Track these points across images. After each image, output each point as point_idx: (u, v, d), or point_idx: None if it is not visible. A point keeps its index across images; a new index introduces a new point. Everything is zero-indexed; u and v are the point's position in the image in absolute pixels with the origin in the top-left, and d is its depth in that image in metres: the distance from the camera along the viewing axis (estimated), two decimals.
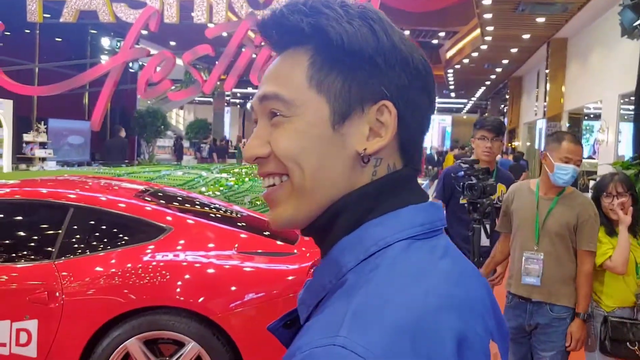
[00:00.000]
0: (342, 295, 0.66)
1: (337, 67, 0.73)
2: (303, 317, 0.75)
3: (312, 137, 0.73)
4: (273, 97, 0.74)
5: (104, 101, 7.90)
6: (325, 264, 0.74)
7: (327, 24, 0.72)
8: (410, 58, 0.75)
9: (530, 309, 3.14)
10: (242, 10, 7.49)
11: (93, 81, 8.80)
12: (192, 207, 4.37)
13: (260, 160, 0.76)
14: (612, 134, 12.32)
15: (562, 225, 3.09)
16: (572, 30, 15.06)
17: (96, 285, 3.38)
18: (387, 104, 0.73)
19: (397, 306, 0.62)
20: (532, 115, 20.96)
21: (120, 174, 9.26)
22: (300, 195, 0.74)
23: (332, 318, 0.63)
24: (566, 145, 3.09)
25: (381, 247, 0.70)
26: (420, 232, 0.72)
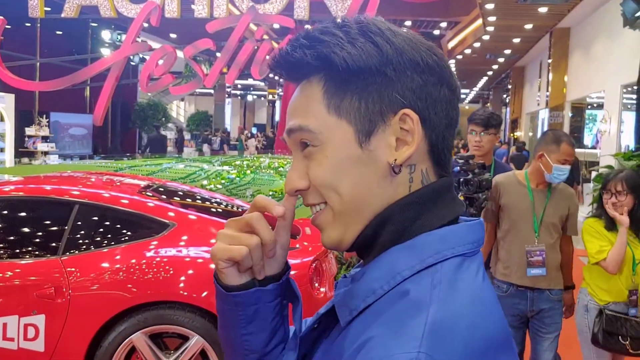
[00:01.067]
0: (411, 308, 0.68)
1: (349, 88, 0.75)
2: (345, 320, 0.76)
3: (342, 160, 0.75)
4: (298, 129, 0.78)
5: (106, 97, 7.93)
6: (375, 269, 0.75)
7: (328, 51, 0.74)
8: (419, 57, 0.76)
9: (532, 296, 3.28)
10: (242, 4, 7.50)
11: (94, 76, 8.83)
12: (195, 203, 4.40)
13: (301, 192, 0.80)
14: (614, 124, 12.32)
15: (559, 217, 3.28)
16: (575, 20, 15.01)
17: (101, 281, 3.42)
18: (407, 112, 0.75)
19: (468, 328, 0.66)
20: (535, 105, 20.93)
21: (122, 168, 9.30)
22: (343, 217, 0.77)
23: (409, 332, 0.64)
24: (564, 148, 3.20)
25: (438, 261, 0.72)
26: (471, 250, 0.75)
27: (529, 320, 3.37)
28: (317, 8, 7.32)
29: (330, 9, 7.21)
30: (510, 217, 3.32)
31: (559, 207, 3.29)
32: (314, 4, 7.23)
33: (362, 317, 0.73)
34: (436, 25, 21.38)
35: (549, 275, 3.25)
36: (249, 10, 7.42)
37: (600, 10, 13.18)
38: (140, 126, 18.26)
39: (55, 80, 8.62)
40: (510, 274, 3.30)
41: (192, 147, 24.45)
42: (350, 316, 0.75)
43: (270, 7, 7.34)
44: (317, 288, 3.57)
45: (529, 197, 3.28)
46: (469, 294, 0.70)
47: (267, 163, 12.57)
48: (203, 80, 7.75)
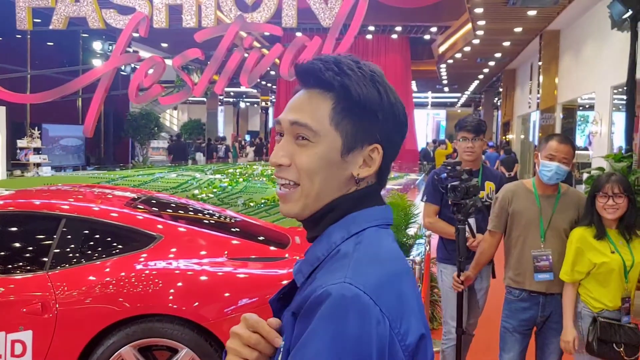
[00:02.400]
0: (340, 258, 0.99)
1: (350, 114, 1.04)
2: (300, 281, 1.05)
3: (326, 160, 1.04)
4: (304, 125, 1.04)
5: (96, 108, 7.91)
6: (318, 242, 1.06)
7: (350, 83, 1.03)
8: (397, 112, 1.07)
9: (544, 301, 3.31)
10: (230, 13, 7.50)
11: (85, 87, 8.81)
12: (183, 214, 4.38)
13: (282, 167, 1.06)
14: (605, 126, 12.35)
15: (568, 221, 3.28)
16: (564, 23, 15.07)
17: (89, 295, 3.40)
18: (378, 147, 1.06)
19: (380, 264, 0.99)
20: (526, 108, 20.98)
21: (115, 179, 9.28)
22: (307, 199, 1.05)
23: (338, 269, 0.96)
24: (551, 144, 3.25)
25: (360, 230, 1.04)
26: (382, 223, 1.08)
27: (536, 326, 3.39)
28: (305, 16, 7.33)
29: (318, 17, 7.22)
30: (519, 224, 3.36)
31: (568, 212, 3.29)
32: (301, 11, 7.24)
33: (311, 278, 1.02)
34: (426, 30, 21.46)
35: (558, 279, 3.24)
36: (237, 19, 7.42)
37: (589, 12, 13.24)
38: (133, 136, 18.23)
39: (46, 92, 8.60)
40: (524, 280, 3.33)
41: None
42: (303, 278, 1.04)
43: (258, 16, 7.34)
44: None
45: (536, 204, 3.32)
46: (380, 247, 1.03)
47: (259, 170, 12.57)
48: (192, 90, 7.74)
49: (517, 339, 3.36)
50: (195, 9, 7.54)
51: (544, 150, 3.26)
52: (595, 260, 3.09)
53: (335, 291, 0.91)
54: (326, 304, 0.90)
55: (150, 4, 7.66)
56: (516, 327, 3.36)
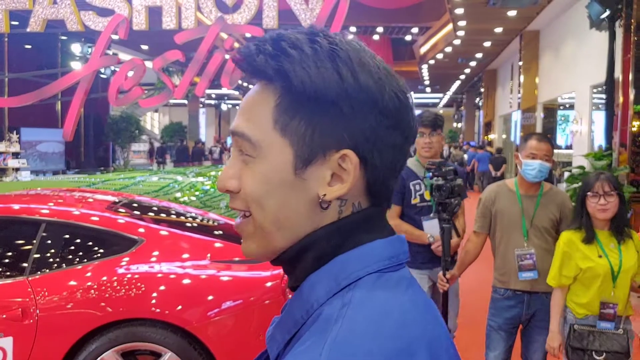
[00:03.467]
0: (318, 330, 0.67)
1: (300, 111, 0.73)
2: (274, 354, 0.75)
3: (274, 181, 0.74)
4: (241, 135, 0.75)
5: (75, 112, 7.81)
6: (296, 300, 0.74)
7: (290, 67, 0.71)
8: (379, 98, 0.73)
9: (528, 300, 3.33)
10: (211, 15, 7.46)
11: (65, 90, 8.70)
12: (165, 217, 4.34)
13: (231, 193, 0.77)
14: (585, 125, 12.48)
15: (551, 220, 3.31)
16: (544, 23, 15.22)
17: (70, 300, 3.35)
18: (347, 153, 0.73)
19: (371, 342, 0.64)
20: (507, 108, 21.15)
21: (96, 182, 9.17)
22: (264, 233, 0.76)
23: (309, 354, 0.64)
24: (531, 143, 3.29)
25: (352, 281, 0.71)
26: (388, 266, 0.74)
27: (522, 324, 3.41)
28: (286, 16, 7.31)
29: (299, 18, 7.20)
30: (502, 224, 3.39)
31: (549, 211, 3.32)
32: (282, 12, 7.22)
33: (287, 349, 0.73)
34: (408, 31, 21.55)
35: (545, 278, 3.25)
36: (218, 21, 7.38)
37: (568, 12, 13.38)
38: (114, 139, 18.08)
39: (23, 95, 8.48)
40: (509, 279, 3.36)
41: (167, 158, 24.26)
42: (277, 350, 0.75)
43: (238, 17, 7.30)
44: None
45: (518, 203, 3.35)
46: (378, 309, 0.68)
47: None
48: (173, 92, 7.68)
49: (503, 337, 3.38)
50: (175, 10, 7.48)
51: (525, 150, 3.29)
52: (581, 264, 3.04)
53: None
54: None
55: (130, 6, 7.59)
56: (501, 325, 3.38)
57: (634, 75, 7.99)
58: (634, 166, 7.93)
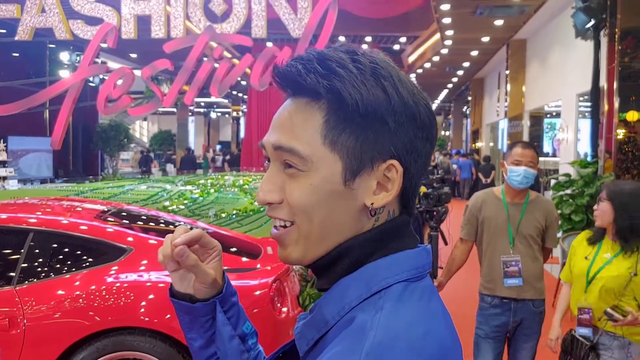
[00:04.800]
0: (352, 335, 0.71)
1: (350, 127, 0.77)
2: (303, 350, 0.81)
3: (325, 192, 0.77)
4: (289, 150, 0.78)
5: (64, 120, 7.79)
6: (328, 301, 0.79)
7: (342, 87, 0.75)
8: (417, 113, 0.79)
9: (515, 307, 3.35)
10: (200, 24, 7.48)
11: (53, 99, 8.67)
12: (153, 226, 4.34)
13: (272, 205, 0.81)
14: (571, 133, 12.59)
15: (535, 227, 3.35)
16: (530, 32, 15.36)
17: (58, 309, 3.34)
18: (394, 164, 0.78)
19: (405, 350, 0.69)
20: (494, 116, 21.28)
21: (84, 191, 9.13)
22: (307, 241, 0.80)
23: (349, 356, 0.68)
24: (516, 150, 3.35)
25: (382, 288, 0.76)
26: (414, 275, 0.79)
27: (509, 332, 3.42)
28: (275, 26, 7.35)
29: (288, 27, 7.24)
30: (489, 232, 3.42)
31: (534, 219, 3.36)
32: (271, 22, 7.26)
33: (317, 347, 0.78)
34: (396, 40, 21.62)
35: (530, 285, 3.32)
36: (206, 30, 7.40)
37: (554, 22, 13.51)
38: (103, 148, 17.99)
39: (12, 104, 8.46)
40: (495, 287, 3.38)
41: (155, 166, 24.16)
42: (307, 346, 0.80)
43: (227, 26, 7.33)
44: (279, 308, 3.55)
45: (504, 211, 3.38)
46: (409, 317, 0.73)
47: (231, 181, 12.49)
48: (162, 101, 7.68)
49: (491, 345, 3.40)
50: (164, 19, 7.50)
51: (510, 157, 3.35)
52: (572, 262, 3.13)
53: None
54: None
55: (119, 15, 7.59)
56: (489, 333, 3.39)
57: (618, 83, 8.08)
58: (619, 173, 8.01)
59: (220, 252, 0.98)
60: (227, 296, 0.99)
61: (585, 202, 7.38)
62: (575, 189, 7.71)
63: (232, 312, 1.00)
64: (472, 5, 12.52)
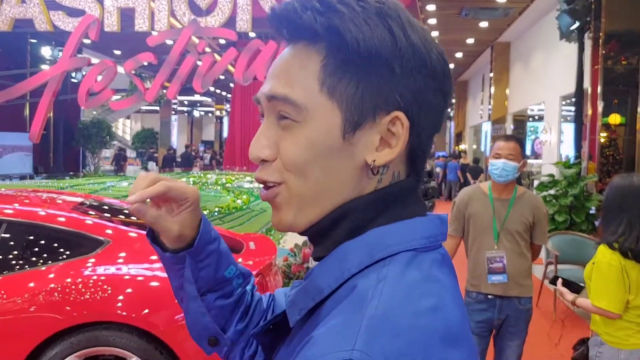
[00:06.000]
0: (353, 305, 0.63)
1: (350, 71, 0.69)
2: (294, 319, 0.73)
3: (322, 146, 0.70)
4: (283, 99, 0.70)
5: (43, 113, 7.65)
6: (325, 267, 0.71)
7: (341, 25, 0.67)
8: (428, 59, 0.71)
9: (500, 304, 3.30)
10: (184, 18, 7.39)
11: (34, 92, 8.53)
12: (132, 219, 4.25)
13: (265, 163, 0.73)
14: (554, 135, 12.67)
15: (523, 224, 3.30)
16: (515, 34, 15.45)
17: (30, 303, 3.24)
18: (400, 116, 0.70)
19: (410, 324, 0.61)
20: (478, 119, 21.39)
21: (64, 188, 9.01)
22: (300, 201, 0.72)
23: (346, 331, 0.60)
24: (497, 143, 3.33)
25: (387, 255, 0.68)
26: (424, 245, 0.70)
27: (494, 329, 3.38)
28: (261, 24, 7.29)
29: None
30: (475, 228, 3.38)
31: (521, 215, 3.30)
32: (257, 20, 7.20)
33: (311, 318, 0.70)
34: None
35: (516, 282, 3.27)
36: (191, 24, 7.32)
37: (538, 24, 13.60)
38: (84, 145, 17.80)
39: None
40: (480, 283, 3.33)
41: (138, 165, 23.94)
42: (298, 315, 0.72)
43: (212, 20, 7.24)
44: None
45: (490, 206, 3.34)
46: (415, 288, 0.65)
47: (214, 179, 12.41)
48: (144, 95, 7.57)
49: (475, 340, 3.35)
50: (148, 12, 7.39)
51: (492, 151, 3.34)
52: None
53: None
54: None
55: (101, 7, 7.47)
56: (473, 329, 3.35)
57: (602, 87, 8.13)
58: (601, 176, 8.05)
59: (193, 204, 0.88)
60: (200, 248, 0.89)
61: (568, 203, 7.39)
62: (558, 189, 7.72)
63: (209, 261, 0.91)
64: (458, 7, 12.57)
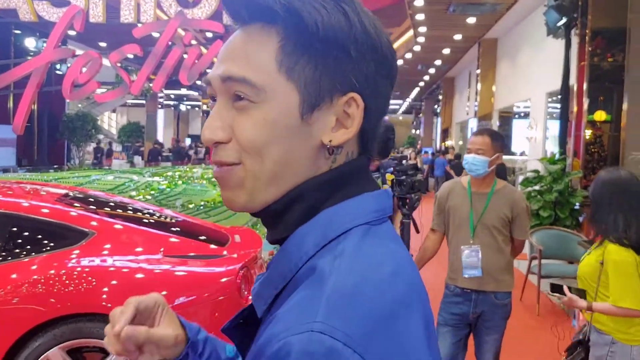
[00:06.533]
0: (313, 283, 0.65)
1: (308, 53, 0.70)
2: (261, 310, 0.73)
3: (279, 126, 0.69)
4: (240, 80, 0.70)
5: (27, 104, 7.55)
6: (283, 254, 0.72)
7: (301, 7, 0.68)
8: (379, 45, 0.73)
9: (476, 298, 3.30)
10: (170, 9, 7.33)
11: (18, 83, 8.42)
12: (117, 211, 4.21)
13: (220, 145, 0.72)
14: (540, 131, 12.73)
15: (500, 219, 3.29)
16: (502, 31, 15.50)
17: (13, 294, 3.20)
18: (355, 97, 0.71)
19: (370, 292, 0.63)
20: (464, 115, 21.48)
21: (48, 180, 8.91)
22: (256, 183, 0.71)
23: (307, 306, 0.61)
24: (470, 139, 3.36)
25: (340, 233, 0.69)
26: (375, 219, 0.73)
27: (471, 324, 3.38)
28: None
29: None
30: (454, 222, 3.39)
31: (499, 209, 3.29)
32: None
33: (275, 305, 0.70)
34: None
35: (492, 277, 3.26)
36: (177, 15, 7.26)
37: (525, 21, 13.65)
38: (69, 138, 17.63)
39: None
40: (457, 277, 3.34)
41: (123, 159, 23.77)
42: (265, 305, 0.72)
43: (198, 12, 7.19)
44: (246, 296, 3.46)
45: (468, 200, 3.34)
46: (370, 260, 0.67)
47: (199, 174, 12.35)
48: (130, 87, 7.50)
49: (449, 331, 3.35)
50: (133, 3, 7.32)
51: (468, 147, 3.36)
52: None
53: (298, 346, 0.57)
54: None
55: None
56: (447, 320, 3.36)
57: (588, 84, 8.17)
58: (586, 172, 8.10)
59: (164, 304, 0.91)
60: (195, 339, 0.92)
61: (553, 198, 7.44)
62: (543, 185, 7.77)
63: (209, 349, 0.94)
64: (445, 2, 12.58)
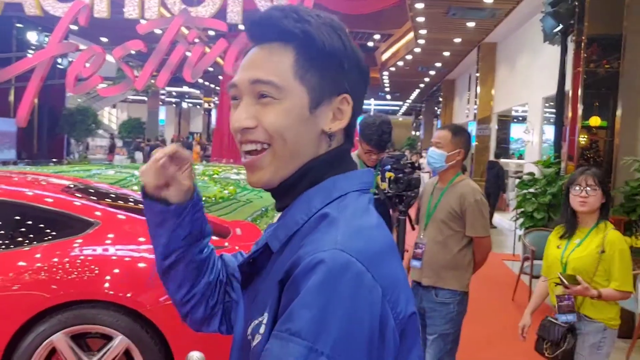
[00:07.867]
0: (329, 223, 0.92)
1: (315, 65, 0.97)
2: (275, 247, 0.98)
3: (295, 116, 0.96)
4: (267, 82, 0.96)
5: (30, 97, 7.64)
6: (296, 207, 0.98)
7: (312, 31, 0.96)
8: (361, 59, 1.02)
9: (421, 293, 3.33)
10: (174, 7, 7.41)
11: (19, 77, 8.49)
12: (120, 202, 4.31)
13: (247, 130, 0.98)
14: (537, 135, 12.84)
15: (447, 212, 3.28)
16: (501, 35, 15.60)
17: (18, 281, 3.30)
18: (347, 97, 1.00)
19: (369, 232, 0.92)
20: (464, 117, 21.56)
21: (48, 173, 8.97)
22: (280, 161, 0.98)
23: (328, 236, 0.88)
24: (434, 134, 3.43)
25: (342, 194, 0.98)
26: (364, 188, 1.02)
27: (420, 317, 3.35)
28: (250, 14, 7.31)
29: None
30: (420, 217, 3.48)
31: (447, 203, 3.29)
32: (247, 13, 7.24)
33: (291, 243, 0.95)
34: (370, 37, 21.74)
35: (434, 272, 3.26)
36: (181, 13, 7.34)
37: (524, 26, 13.75)
38: (69, 132, 17.68)
39: None
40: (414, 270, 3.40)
41: (124, 154, 23.83)
42: (279, 243, 0.98)
43: (202, 10, 7.27)
44: None
45: (430, 195, 3.43)
46: (364, 214, 0.96)
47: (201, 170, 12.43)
48: (133, 82, 7.59)
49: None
50: (138, 0, 7.40)
51: None
52: (546, 255, 3.11)
53: (328, 259, 0.84)
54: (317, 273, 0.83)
55: None
56: None
57: (582, 90, 8.25)
58: None
59: (191, 164, 1.14)
60: (197, 199, 1.15)
61: (547, 201, 7.55)
62: (538, 187, 7.87)
63: (201, 214, 1.17)
64: (445, 6, 12.67)
